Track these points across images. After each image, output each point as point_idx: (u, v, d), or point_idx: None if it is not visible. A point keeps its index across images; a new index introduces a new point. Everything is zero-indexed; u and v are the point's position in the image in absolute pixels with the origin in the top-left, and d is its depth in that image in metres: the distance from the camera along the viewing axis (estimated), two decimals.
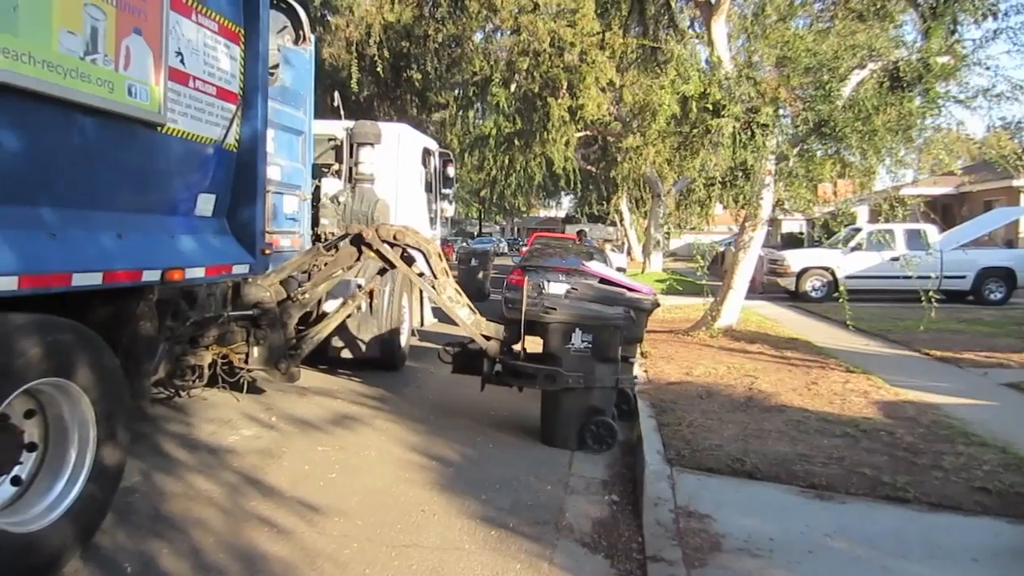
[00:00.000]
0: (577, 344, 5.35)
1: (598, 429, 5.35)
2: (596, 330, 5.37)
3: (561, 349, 5.38)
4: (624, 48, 18.14)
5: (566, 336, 5.37)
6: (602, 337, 5.36)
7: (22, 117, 2.86)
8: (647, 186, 26.74)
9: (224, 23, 4.15)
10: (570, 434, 5.40)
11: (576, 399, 5.37)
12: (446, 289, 5.77)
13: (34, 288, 2.87)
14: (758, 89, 9.72)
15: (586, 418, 5.36)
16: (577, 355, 5.35)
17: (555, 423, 5.48)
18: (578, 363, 5.34)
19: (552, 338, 5.42)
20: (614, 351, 5.44)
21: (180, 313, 4.58)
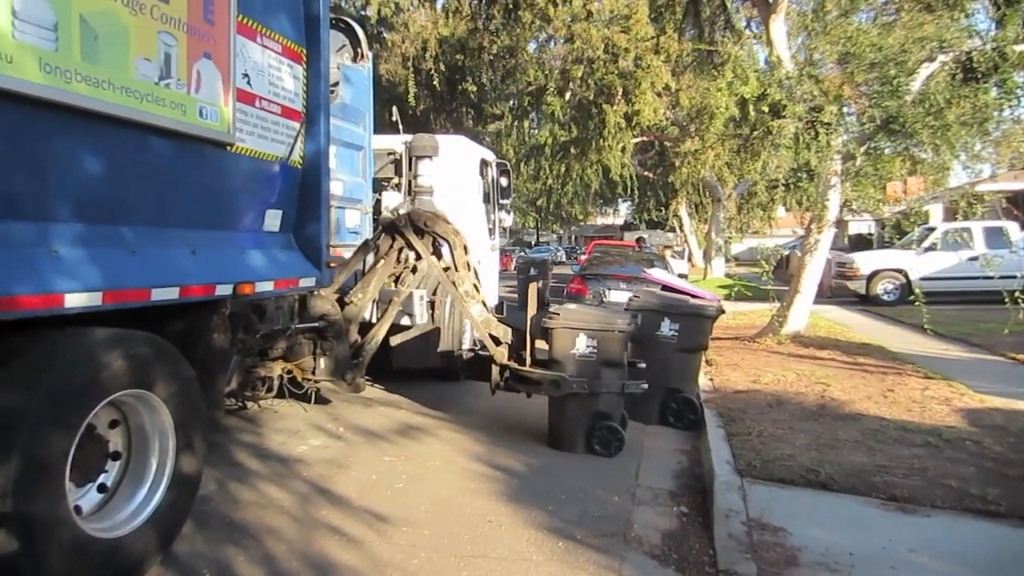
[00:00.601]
0: (582, 349, 5.38)
1: (605, 434, 5.36)
2: (601, 335, 5.37)
3: (566, 355, 5.41)
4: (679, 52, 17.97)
5: (571, 341, 5.39)
6: (607, 342, 5.38)
7: (103, 141, 2.99)
8: (707, 190, 26.39)
9: (287, 44, 4.26)
10: (577, 439, 5.42)
11: (582, 404, 5.39)
12: (464, 283, 5.76)
13: (116, 303, 2.99)
14: (820, 87, 9.48)
15: (592, 423, 5.38)
16: (582, 360, 5.38)
17: (561, 427, 5.51)
18: (583, 368, 5.37)
19: (557, 343, 5.45)
20: (620, 356, 5.45)
21: (251, 326, 4.71)
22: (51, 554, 2.60)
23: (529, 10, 13.62)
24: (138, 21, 3.00)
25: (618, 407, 5.56)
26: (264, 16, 3.97)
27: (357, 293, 5.71)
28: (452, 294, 5.83)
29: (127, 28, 2.95)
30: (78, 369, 2.77)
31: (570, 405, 5.42)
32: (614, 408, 5.50)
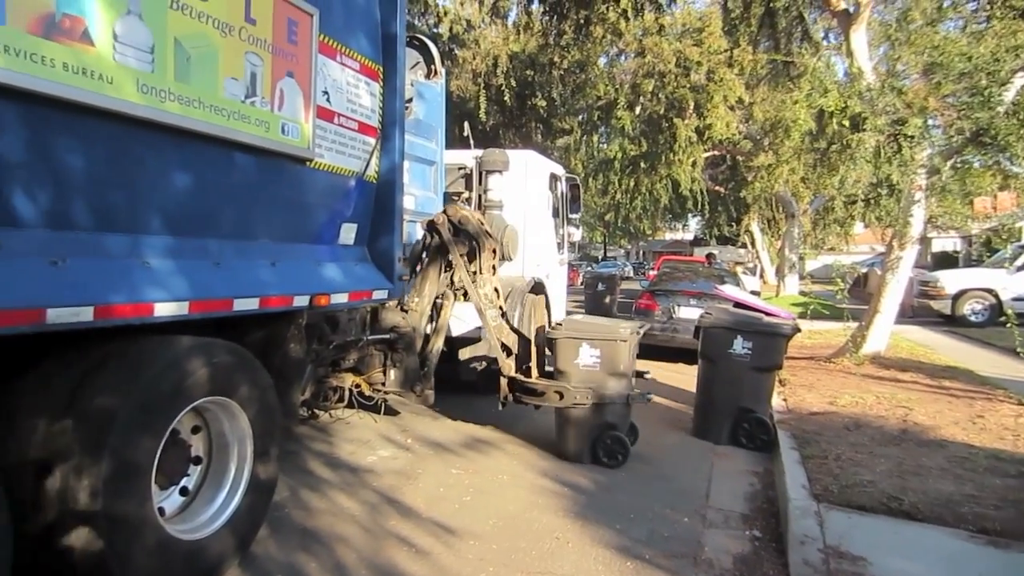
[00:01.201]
0: (585, 360, 5.40)
1: (610, 444, 5.39)
2: (604, 345, 5.37)
3: (570, 364, 5.43)
4: (753, 64, 17.66)
5: (574, 351, 5.42)
6: (611, 352, 5.37)
7: (192, 157, 3.13)
8: (780, 206, 25.78)
9: (365, 62, 4.37)
10: (583, 448, 5.45)
11: (587, 414, 5.41)
12: (484, 286, 5.77)
13: (201, 313, 3.11)
14: (904, 99, 9.15)
15: (598, 433, 5.40)
16: (586, 370, 5.40)
17: (567, 437, 5.54)
18: (587, 379, 5.39)
19: (560, 354, 5.48)
20: (625, 365, 5.42)
21: (324, 337, 4.83)
22: (136, 554, 2.71)
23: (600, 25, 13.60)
24: (227, 43, 3.13)
25: (625, 417, 5.59)
26: (344, 36, 4.09)
27: (413, 298, 5.71)
28: (471, 293, 5.84)
29: (217, 49, 3.08)
30: (166, 375, 2.88)
31: (575, 415, 5.46)
32: (621, 418, 5.52)
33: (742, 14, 13.76)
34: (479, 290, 5.77)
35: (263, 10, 3.34)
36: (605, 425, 5.43)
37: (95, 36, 2.54)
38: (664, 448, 6.03)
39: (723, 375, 6.32)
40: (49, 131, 2.50)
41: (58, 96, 2.44)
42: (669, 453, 5.89)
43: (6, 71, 2.26)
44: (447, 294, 5.92)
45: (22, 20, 2.30)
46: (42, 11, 2.36)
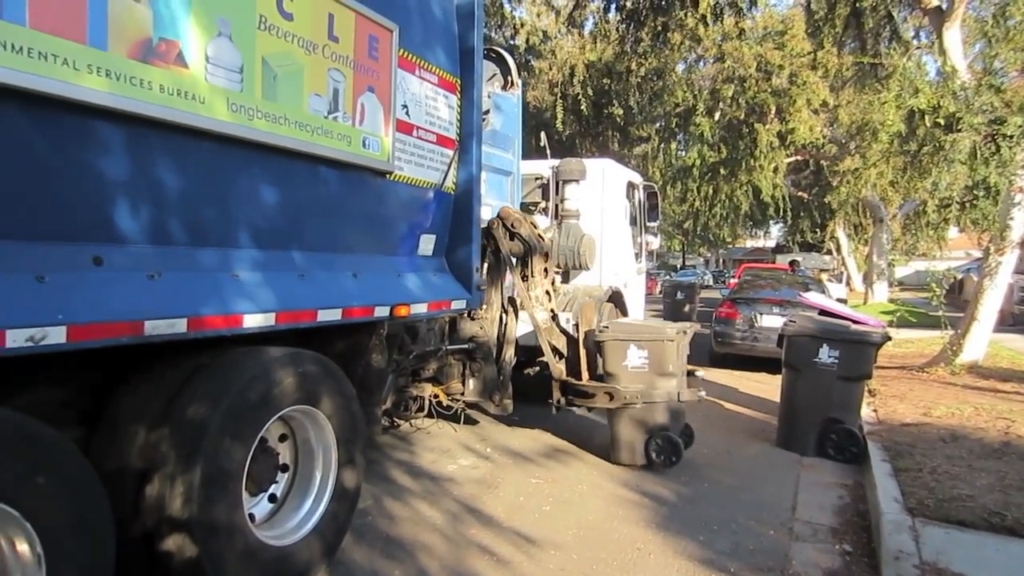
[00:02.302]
0: (634, 361, 5.40)
1: (662, 444, 5.35)
2: (651, 346, 5.36)
3: (618, 366, 5.44)
4: (839, 66, 17.11)
5: (622, 353, 5.42)
6: (659, 353, 5.35)
7: (278, 173, 3.23)
8: (867, 211, 24.87)
9: (443, 75, 4.44)
10: (635, 450, 5.44)
11: (639, 415, 5.40)
12: (535, 288, 5.77)
13: (288, 324, 3.20)
14: (1003, 98, 8.69)
15: (650, 434, 5.37)
16: (635, 372, 5.40)
17: (619, 440, 5.52)
18: (636, 379, 5.38)
19: (609, 356, 5.48)
20: (674, 365, 5.38)
21: (405, 347, 4.90)
22: (228, 558, 2.79)
23: (679, 31, 13.46)
24: (312, 60, 3.23)
25: (677, 418, 5.54)
26: (423, 50, 4.16)
27: (482, 307, 5.68)
28: (522, 297, 5.84)
29: (302, 67, 3.18)
30: (254, 385, 2.97)
31: (626, 417, 5.46)
32: (673, 419, 5.46)
33: (826, 15, 13.36)
34: (530, 292, 5.79)
35: (345, 27, 3.43)
36: (657, 426, 5.41)
37: (189, 59, 2.66)
38: (747, 459, 5.87)
39: (809, 384, 6.12)
40: (147, 151, 2.62)
41: (156, 117, 2.56)
42: (753, 464, 5.72)
43: (110, 95, 2.39)
44: (514, 301, 5.94)
45: (123, 46, 2.43)
46: (141, 36, 2.49)
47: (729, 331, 10.83)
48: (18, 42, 2.13)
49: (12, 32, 2.12)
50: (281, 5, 3.05)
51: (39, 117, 2.26)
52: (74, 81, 2.28)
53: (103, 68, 2.37)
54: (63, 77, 2.25)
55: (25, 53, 2.15)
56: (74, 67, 2.28)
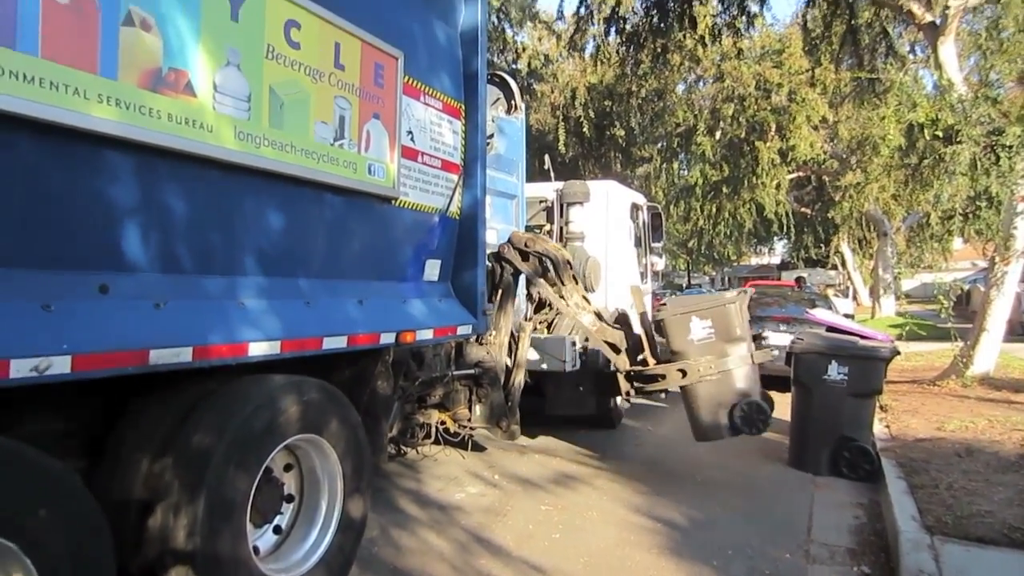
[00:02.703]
0: (698, 333, 5.29)
1: (748, 411, 5.19)
2: (713, 313, 5.27)
3: (684, 342, 5.32)
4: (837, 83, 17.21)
5: (685, 327, 5.32)
6: (722, 319, 5.26)
7: (285, 200, 3.22)
8: (871, 225, 24.86)
9: (447, 101, 4.44)
10: (719, 423, 5.27)
11: (717, 387, 5.25)
12: (572, 296, 5.75)
13: (293, 352, 3.17)
14: (1000, 108, 8.72)
15: (733, 403, 5.23)
16: (703, 344, 5.28)
17: (701, 416, 5.37)
18: (706, 351, 5.26)
19: (672, 333, 5.37)
20: (741, 329, 5.29)
21: (411, 373, 4.87)
22: None
23: (678, 52, 13.56)
24: (318, 88, 3.23)
25: (755, 382, 5.40)
26: (427, 76, 4.17)
27: (490, 332, 5.65)
28: (561, 308, 5.82)
29: (309, 95, 3.18)
30: (259, 414, 2.94)
31: (703, 393, 5.32)
32: (751, 383, 5.33)
33: (823, 33, 13.46)
34: (568, 301, 5.75)
35: (351, 56, 3.44)
36: (738, 393, 5.26)
37: (197, 87, 2.66)
38: (760, 480, 5.80)
39: (819, 402, 6.06)
40: (155, 179, 2.61)
41: (164, 145, 2.56)
42: (766, 485, 5.66)
43: (118, 123, 2.39)
44: (522, 325, 5.89)
45: (133, 75, 2.43)
46: (151, 66, 2.49)
47: None
48: (31, 72, 2.14)
49: (25, 62, 2.12)
50: (289, 35, 3.06)
51: (48, 145, 2.26)
52: (84, 111, 2.28)
53: (113, 97, 2.37)
54: (73, 107, 2.25)
55: (37, 83, 2.16)
56: (84, 96, 2.29)
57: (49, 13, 2.19)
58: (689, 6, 12.31)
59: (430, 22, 4.32)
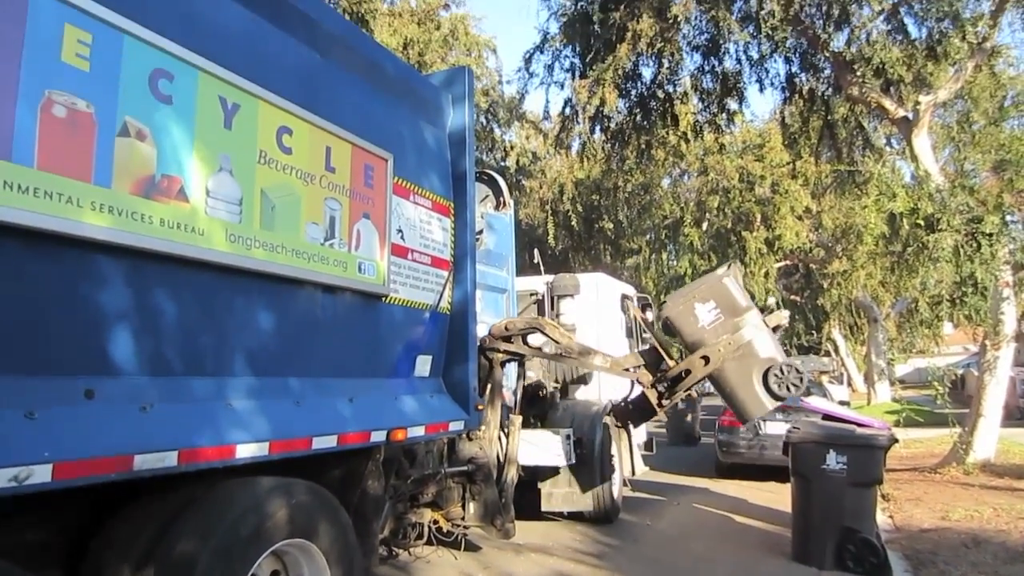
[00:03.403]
0: (705, 317, 5.24)
1: (782, 375, 5.07)
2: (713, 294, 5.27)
3: (696, 331, 5.27)
4: (818, 174, 17.71)
5: (692, 316, 5.27)
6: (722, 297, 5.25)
7: (275, 299, 3.25)
8: (861, 311, 25.03)
9: (436, 199, 4.56)
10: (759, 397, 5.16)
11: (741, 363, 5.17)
12: (573, 349, 5.77)
13: (282, 453, 3.13)
14: (977, 197, 8.98)
15: (764, 372, 5.13)
16: (713, 327, 5.25)
17: (738, 397, 5.24)
18: (719, 331, 5.22)
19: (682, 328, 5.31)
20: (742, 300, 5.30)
21: (402, 471, 4.77)
22: None
23: (662, 148, 14.00)
24: (309, 190, 3.32)
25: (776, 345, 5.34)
26: (417, 176, 4.29)
27: (480, 426, 5.55)
28: (568, 362, 5.82)
29: (300, 197, 3.27)
30: (245, 519, 2.87)
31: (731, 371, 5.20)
32: (773, 347, 5.27)
33: (801, 128, 13.96)
34: (571, 355, 5.80)
35: (342, 158, 3.55)
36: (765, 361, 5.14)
37: (190, 193, 2.73)
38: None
39: (819, 493, 5.94)
40: (145, 282, 2.65)
41: (155, 250, 2.60)
42: None
43: (110, 230, 2.43)
44: (512, 419, 5.83)
45: (126, 183, 2.50)
46: (144, 174, 2.57)
47: (734, 440, 10.63)
48: (25, 183, 2.20)
49: (19, 173, 2.18)
50: (281, 140, 3.17)
51: (39, 253, 2.30)
52: (76, 218, 2.34)
53: (106, 205, 2.43)
54: (66, 215, 2.30)
55: (31, 193, 2.21)
56: (77, 205, 2.34)
57: (46, 127, 2.27)
58: (671, 105, 12.80)
59: (419, 125, 4.49)
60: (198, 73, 2.79)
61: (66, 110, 2.33)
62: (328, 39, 3.71)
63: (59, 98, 2.31)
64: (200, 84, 2.80)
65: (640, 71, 12.40)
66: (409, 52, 12.50)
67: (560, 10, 12.32)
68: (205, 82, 2.83)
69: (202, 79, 2.81)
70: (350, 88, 3.86)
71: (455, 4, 14.26)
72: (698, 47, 12.13)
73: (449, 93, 4.88)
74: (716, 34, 11.40)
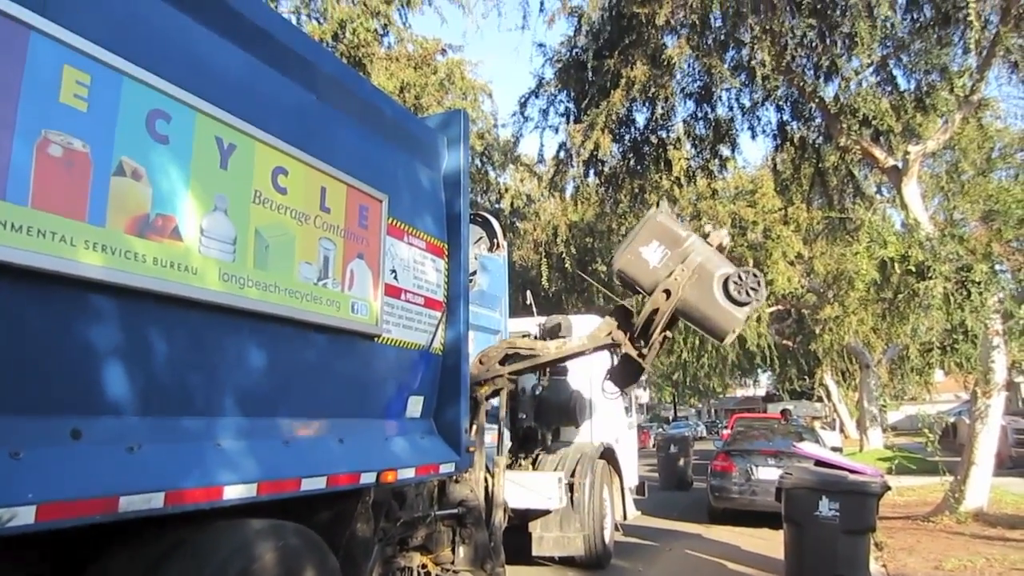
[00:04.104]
0: (654, 258, 5.29)
1: (739, 281, 5.10)
2: (653, 233, 5.32)
3: (650, 273, 5.31)
4: (809, 220, 17.89)
5: (641, 262, 5.32)
6: (662, 233, 5.32)
7: (267, 339, 3.24)
8: (853, 357, 25.05)
9: (431, 240, 4.58)
10: (727, 310, 5.17)
11: (699, 285, 5.21)
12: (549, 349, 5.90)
13: (270, 495, 3.08)
14: (966, 246, 9.07)
15: (724, 286, 5.16)
16: (663, 264, 5.34)
17: (708, 317, 5.28)
18: (670, 265, 5.29)
19: (637, 276, 5.39)
20: (680, 230, 5.36)
21: (392, 514, 4.70)
22: None
23: (655, 192, 14.15)
24: (303, 230, 3.34)
25: (725, 260, 5.36)
26: (411, 217, 4.32)
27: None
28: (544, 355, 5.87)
29: (294, 237, 3.29)
30: (233, 562, 2.81)
31: (693, 296, 5.23)
32: (724, 262, 5.31)
33: (792, 174, 14.16)
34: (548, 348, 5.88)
35: (337, 199, 3.58)
36: (721, 275, 5.16)
37: (184, 232, 2.74)
38: None
39: (812, 540, 5.89)
40: (137, 321, 2.64)
41: (148, 289, 2.60)
42: None
43: (103, 268, 2.44)
44: (497, 460, 5.78)
45: (120, 222, 2.51)
46: (139, 213, 2.58)
47: (726, 485, 10.56)
48: (18, 221, 2.20)
49: (13, 212, 2.19)
50: (276, 180, 3.20)
51: (29, 292, 2.29)
52: (69, 256, 2.34)
53: (99, 244, 2.43)
54: (59, 253, 2.30)
55: (24, 231, 2.22)
56: (71, 243, 2.34)
57: (42, 166, 2.28)
58: (664, 150, 12.98)
59: (414, 166, 4.53)
60: (195, 114, 2.83)
61: (62, 149, 2.35)
62: (325, 82, 3.77)
63: (56, 138, 2.33)
64: (197, 125, 2.84)
65: (634, 116, 12.60)
66: (406, 95, 12.67)
67: (555, 56, 12.56)
68: (202, 123, 2.86)
69: (199, 120, 2.85)
70: (346, 130, 3.91)
71: (452, 49, 14.49)
72: (691, 94, 12.36)
73: (445, 136, 4.94)
74: (709, 81, 11.61)
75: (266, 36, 3.37)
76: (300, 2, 12.15)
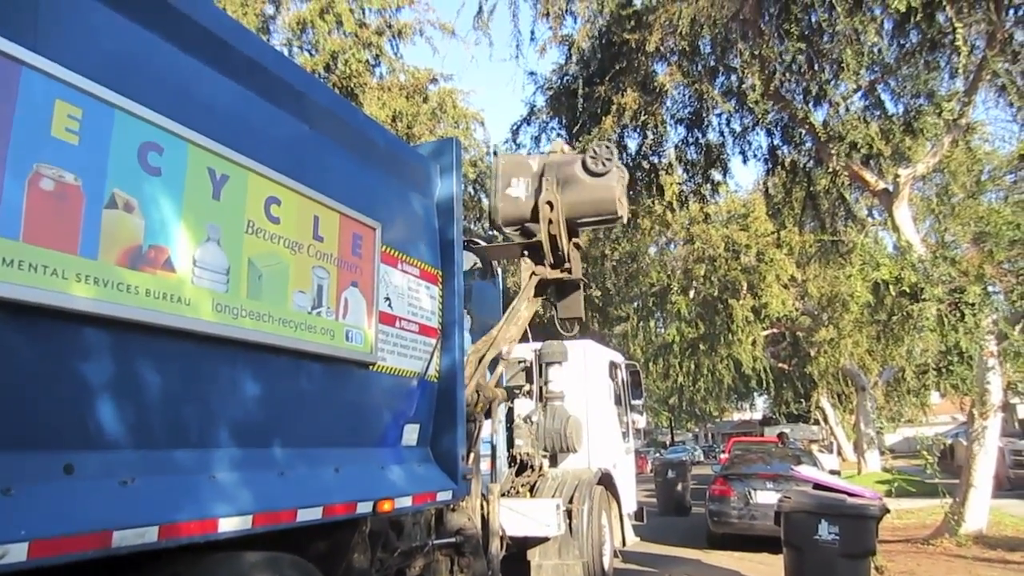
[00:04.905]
0: (518, 192, 5.64)
1: (597, 153, 5.49)
2: (514, 169, 5.73)
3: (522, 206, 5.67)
4: (802, 244, 17.99)
5: (512, 201, 5.70)
6: (513, 168, 5.78)
7: (262, 368, 3.22)
8: (848, 379, 25.06)
9: (424, 267, 4.59)
10: (598, 193, 5.58)
11: (568, 185, 5.63)
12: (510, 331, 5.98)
13: (266, 526, 3.04)
14: (959, 268, 9.13)
15: (583, 166, 5.58)
16: (530, 193, 5.69)
17: (594, 204, 5.61)
18: (539, 191, 5.63)
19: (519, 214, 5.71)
20: (534, 164, 5.68)
21: (389, 543, 4.65)
22: None
23: (648, 217, 14.23)
24: (297, 259, 3.34)
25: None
26: (405, 245, 4.33)
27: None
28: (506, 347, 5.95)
29: (287, 266, 3.28)
30: None
31: (566, 194, 5.57)
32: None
33: (784, 198, 14.25)
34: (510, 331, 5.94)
35: (330, 227, 3.59)
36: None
37: (177, 263, 2.74)
38: None
39: (812, 564, 5.85)
40: (129, 354, 2.62)
41: (140, 320, 2.59)
42: None
43: (95, 301, 2.43)
44: (491, 487, 5.73)
45: (113, 254, 2.51)
46: (131, 244, 2.57)
47: (725, 509, 10.49)
48: (9, 256, 2.19)
49: (4, 246, 2.18)
50: (269, 210, 3.20)
51: (20, 325, 2.27)
52: (60, 290, 2.32)
53: (91, 276, 2.42)
54: (50, 287, 2.29)
55: (15, 266, 2.21)
56: (62, 276, 2.33)
57: (33, 200, 2.28)
58: (656, 175, 13.08)
59: (407, 194, 4.55)
60: (187, 146, 2.84)
61: (54, 183, 2.35)
62: (317, 111, 3.79)
63: (47, 171, 2.33)
64: (189, 156, 2.84)
65: (625, 142, 12.72)
66: (398, 124, 12.76)
67: (547, 84, 12.69)
68: (194, 154, 2.87)
69: (191, 151, 2.85)
70: (339, 159, 3.92)
71: (443, 79, 14.63)
72: (682, 120, 12.49)
73: (437, 163, 4.97)
74: (699, 107, 11.74)
75: (258, 67, 3.40)
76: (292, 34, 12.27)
